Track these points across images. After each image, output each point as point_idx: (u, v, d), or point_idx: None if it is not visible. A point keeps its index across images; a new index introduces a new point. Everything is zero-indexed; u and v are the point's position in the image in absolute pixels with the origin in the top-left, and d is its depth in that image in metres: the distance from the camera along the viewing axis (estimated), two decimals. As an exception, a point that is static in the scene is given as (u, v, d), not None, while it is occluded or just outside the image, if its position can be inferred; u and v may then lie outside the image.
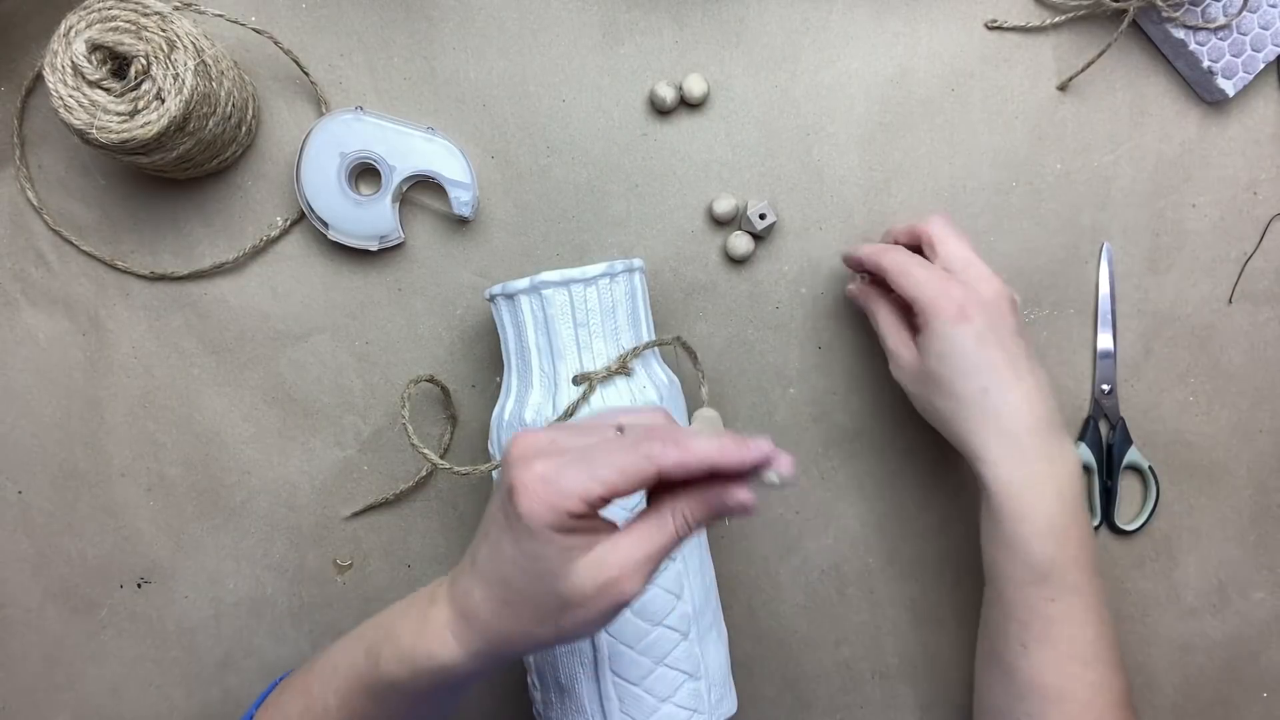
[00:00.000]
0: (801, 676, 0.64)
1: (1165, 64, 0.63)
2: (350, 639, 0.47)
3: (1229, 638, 0.64)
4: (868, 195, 0.62)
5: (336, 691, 0.45)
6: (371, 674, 0.44)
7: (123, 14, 0.51)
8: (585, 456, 0.38)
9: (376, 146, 0.58)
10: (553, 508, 0.37)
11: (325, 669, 0.47)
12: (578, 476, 0.37)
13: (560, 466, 0.37)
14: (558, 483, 0.37)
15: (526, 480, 0.37)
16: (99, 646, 0.62)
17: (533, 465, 0.38)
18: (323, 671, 0.47)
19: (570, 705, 0.52)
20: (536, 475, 0.37)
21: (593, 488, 0.37)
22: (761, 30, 0.61)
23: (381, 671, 0.43)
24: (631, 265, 0.54)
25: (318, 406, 0.62)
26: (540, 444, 0.39)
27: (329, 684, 0.46)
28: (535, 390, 0.53)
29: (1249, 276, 0.64)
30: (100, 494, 0.61)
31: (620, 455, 0.37)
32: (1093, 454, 0.63)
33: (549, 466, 0.37)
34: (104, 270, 0.61)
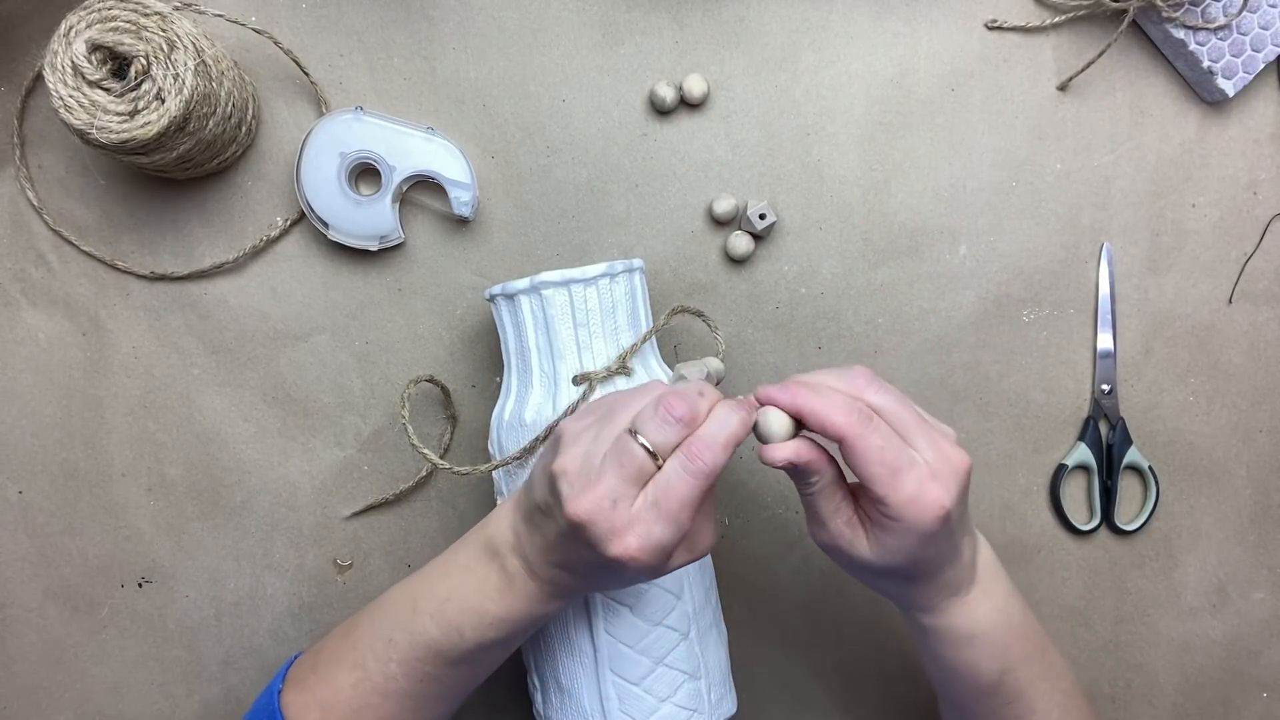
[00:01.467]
0: (801, 676, 0.64)
1: (1165, 64, 0.63)
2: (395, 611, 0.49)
3: (1229, 638, 0.65)
4: (868, 195, 0.62)
5: (401, 662, 0.48)
6: (453, 643, 0.47)
7: (123, 14, 0.51)
8: (658, 508, 0.42)
9: (376, 146, 0.58)
10: (659, 563, 0.42)
11: (375, 641, 0.48)
12: (667, 531, 0.42)
13: (648, 531, 0.41)
14: (657, 546, 0.42)
15: (631, 555, 0.41)
16: (100, 646, 0.62)
17: (626, 541, 0.41)
18: (372, 644, 0.48)
19: (570, 705, 0.52)
20: (637, 549, 0.41)
21: (680, 531, 0.42)
22: (761, 30, 0.61)
23: (469, 639, 0.47)
24: (631, 265, 0.54)
25: (318, 406, 0.62)
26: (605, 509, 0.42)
27: (386, 655, 0.48)
28: (535, 390, 0.53)
29: (1249, 276, 0.64)
30: (101, 494, 0.61)
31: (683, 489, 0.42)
32: (1093, 454, 0.63)
33: (641, 537, 0.41)
34: (104, 270, 0.61)
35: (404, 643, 0.48)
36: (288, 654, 0.62)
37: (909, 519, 0.42)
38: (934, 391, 0.63)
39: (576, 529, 0.42)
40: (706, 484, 0.42)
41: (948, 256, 0.63)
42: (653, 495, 0.42)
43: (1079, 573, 0.64)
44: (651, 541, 0.41)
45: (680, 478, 0.42)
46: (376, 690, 0.48)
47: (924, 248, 0.62)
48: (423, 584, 0.49)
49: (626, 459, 0.42)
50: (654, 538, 0.41)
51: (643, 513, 0.42)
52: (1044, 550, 0.64)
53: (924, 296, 0.63)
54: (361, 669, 0.48)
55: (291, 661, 0.52)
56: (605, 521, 0.41)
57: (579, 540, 0.42)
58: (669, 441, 0.42)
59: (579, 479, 0.42)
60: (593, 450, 0.43)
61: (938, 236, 0.62)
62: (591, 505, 0.41)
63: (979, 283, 0.63)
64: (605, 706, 0.51)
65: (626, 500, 0.42)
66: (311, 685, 0.49)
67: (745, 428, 0.43)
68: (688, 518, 0.42)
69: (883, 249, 0.62)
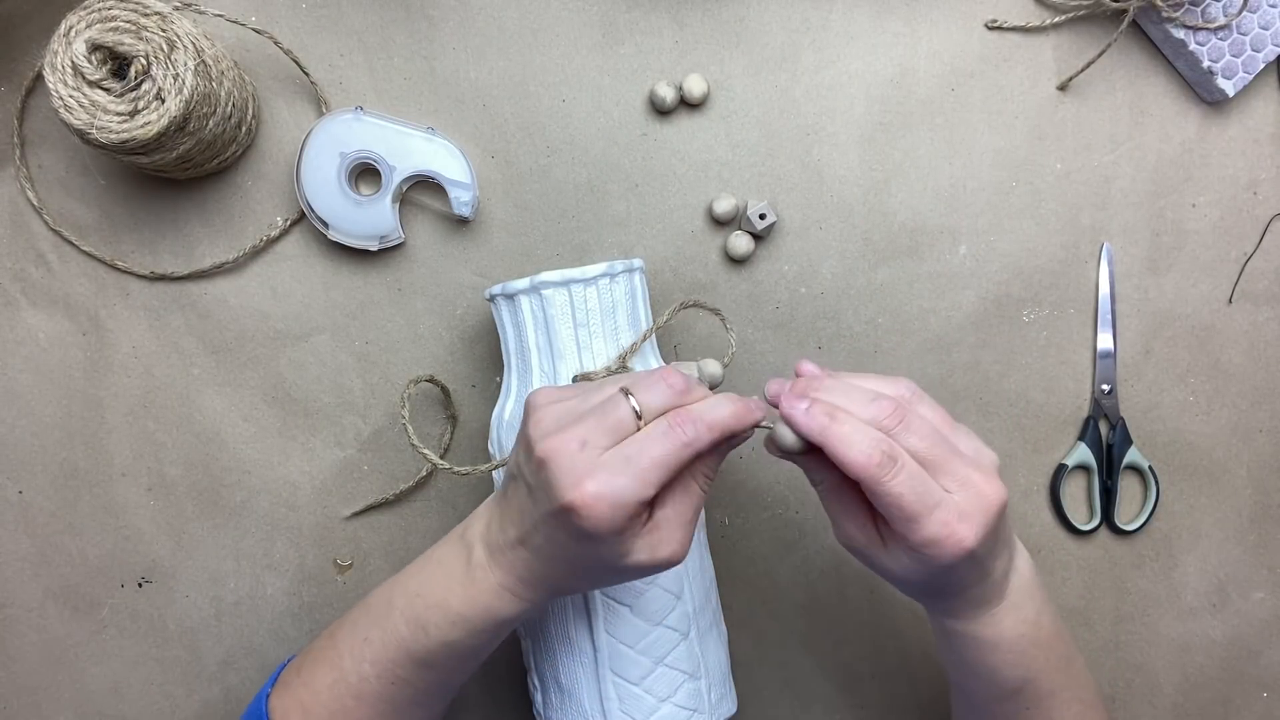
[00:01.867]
0: (801, 676, 0.64)
1: (1165, 64, 0.63)
2: (374, 609, 0.48)
3: (1229, 638, 0.65)
4: (868, 195, 0.62)
5: (374, 663, 0.46)
6: (420, 641, 0.46)
7: (123, 14, 0.51)
8: (628, 461, 0.40)
9: (376, 146, 0.58)
10: (614, 520, 0.40)
11: (351, 641, 0.48)
12: (630, 485, 0.39)
13: (610, 479, 0.39)
14: (615, 497, 0.39)
15: (585, 500, 0.39)
16: (100, 646, 0.62)
17: (584, 485, 0.39)
18: (350, 644, 0.48)
19: (570, 705, 0.52)
20: (592, 494, 0.39)
21: (644, 491, 0.40)
22: (761, 30, 0.61)
23: (433, 637, 0.45)
24: (631, 265, 0.54)
25: (318, 406, 0.62)
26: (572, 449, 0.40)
27: (361, 655, 0.47)
28: (535, 390, 0.53)
29: (1249, 276, 0.64)
30: (101, 494, 0.61)
31: (659, 449, 0.40)
32: (1093, 454, 0.63)
33: (601, 484, 0.39)
34: (104, 270, 0.61)
35: (378, 641, 0.47)
36: (288, 654, 0.62)
37: (928, 555, 0.41)
38: (934, 391, 0.63)
39: (540, 470, 0.40)
40: (683, 454, 0.40)
41: (948, 256, 0.63)
42: (625, 449, 0.40)
43: (1079, 573, 0.64)
44: (609, 489, 0.39)
45: (658, 438, 0.40)
46: (351, 692, 0.47)
47: (924, 248, 0.62)
48: (403, 579, 0.48)
49: (609, 409, 0.41)
50: (613, 486, 0.39)
51: (610, 460, 0.40)
52: (1044, 550, 0.64)
53: (924, 296, 0.63)
54: (339, 669, 0.47)
55: (286, 663, 0.52)
56: (568, 460, 0.40)
57: (540, 489, 0.41)
58: (658, 405, 0.41)
59: (553, 424, 0.41)
60: (575, 406, 0.42)
61: (938, 236, 0.62)
62: (559, 444, 0.40)
63: (979, 283, 0.63)
64: (605, 706, 0.51)
65: (596, 448, 0.40)
66: (295, 687, 0.49)
67: (737, 421, 0.42)
68: (654, 481, 0.40)
69: (883, 249, 0.62)
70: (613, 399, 0.42)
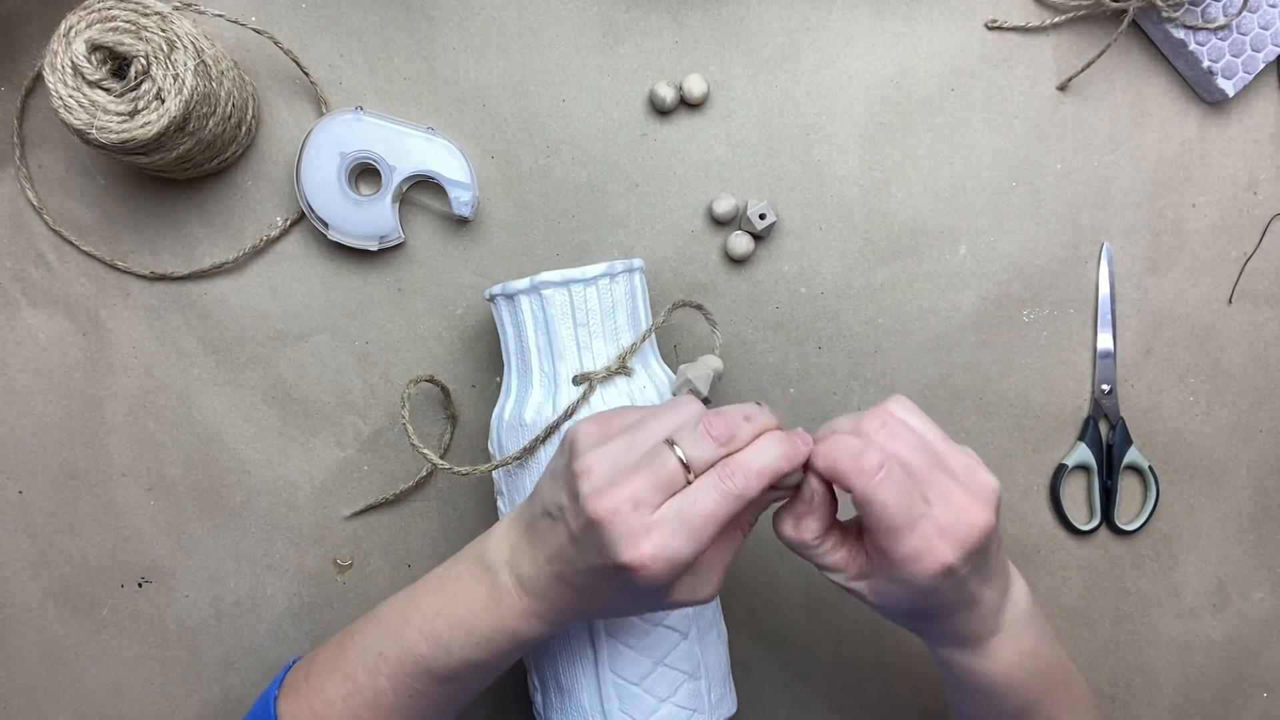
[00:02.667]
0: (801, 676, 0.64)
1: (1165, 64, 0.63)
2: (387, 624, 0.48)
3: (1229, 637, 0.65)
4: (868, 195, 0.62)
5: (391, 677, 0.47)
6: (441, 660, 0.46)
7: (123, 14, 0.51)
8: (682, 518, 0.40)
9: (376, 146, 0.58)
10: (669, 577, 0.40)
11: (366, 653, 0.48)
12: (686, 544, 0.40)
13: (666, 540, 0.40)
14: (672, 557, 0.40)
15: (643, 561, 0.40)
16: (100, 646, 0.62)
17: (641, 547, 0.40)
18: (363, 657, 0.48)
19: (570, 705, 0.52)
20: (650, 556, 0.40)
21: (699, 547, 0.40)
22: (761, 30, 0.61)
23: (455, 656, 0.46)
24: (631, 265, 0.54)
25: (318, 406, 0.62)
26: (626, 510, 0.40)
27: (376, 670, 0.47)
28: (535, 390, 0.53)
29: (1249, 276, 0.64)
30: (101, 494, 0.61)
31: (711, 504, 0.40)
32: (1093, 454, 0.63)
33: (658, 546, 0.40)
34: (104, 270, 0.61)
35: (394, 656, 0.47)
36: (288, 654, 0.62)
37: (907, 573, 0.41)
38: (934, 391, 0.63)
39: (591, 528, 0.40)
40: (735, 506, 0.40)
41: (948, 256, 0.63)
42: (678, 505, 0.40)
43: (1079, 573, 0.64)
44: (667, 551, 0.39)
45: (710, 493, 0.40)
46: (366, 704, 0.47)
47: (924, 248, 0.62)
48: (417, 597, 0.48)
49: (658, 466, 0.41)
50: (670, 548, 0.40)
51: (665, 519, 0.40)
52: (1044, 550, 0.64)
53: (924, 296, 0.63)
54: (352, 681, 0.47)
55: (290, 666, 0.52)
56: (624, 523, 0.40)
57: (590, 543, 0.41)
58: (705, 458, 0.41)
59: (602, 479, 0.41)
60: (620, 455, 0.42)
61: (938, 236, 0.62)
62: (613, 504, 0.40)
63: (979, 283, 0.63)
64: (605, 706, 0.51)
65: (649, 506, 0.40)
66: (304, 694, 0.49)
67: (789, 462, 0.42)
68: (708, 536, 0.40)
69: (883, 249, 0.62)
70: (660, 452, 0.41)
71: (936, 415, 0.63)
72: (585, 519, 0.41)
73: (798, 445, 0.42)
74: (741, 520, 0.44)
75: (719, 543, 0.44)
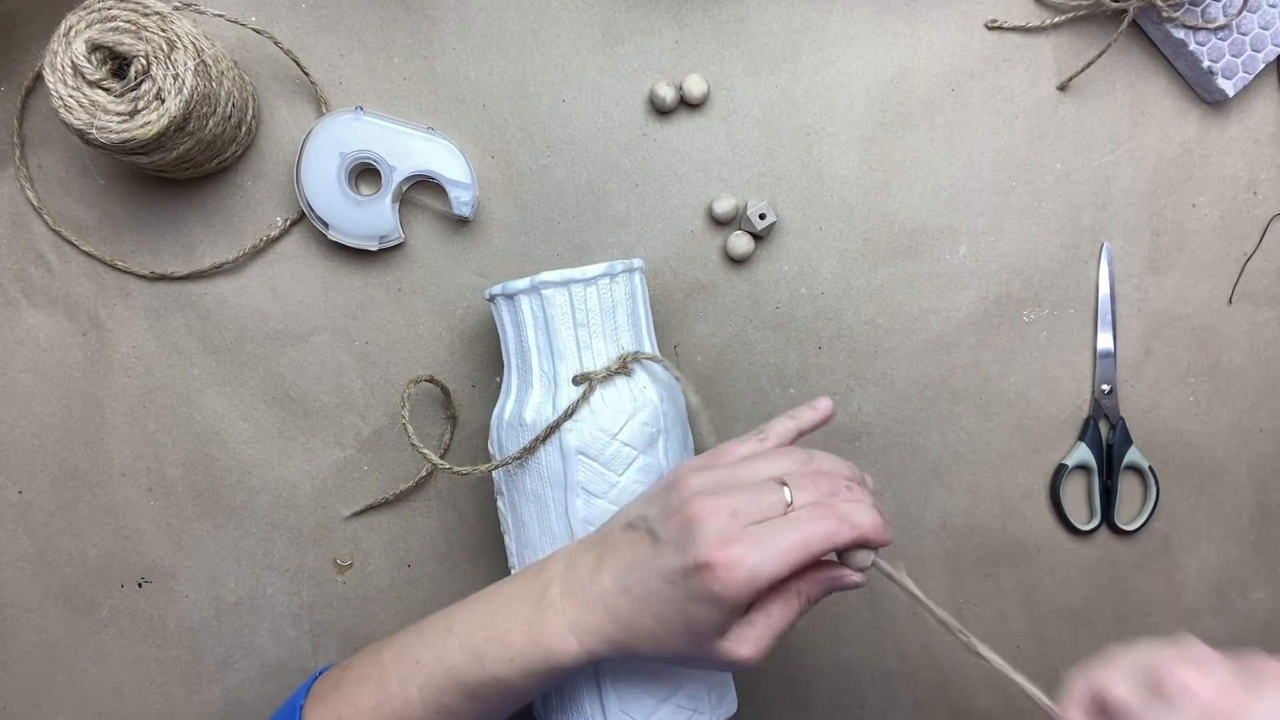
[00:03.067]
0: (801, 676, 0.64)
1: (1165, 64, 0.63)
2: (429, 634, 0.48)
3: (1229, 638, 0.64)
4: (868, 195, 0.62)
5: (421, 687, 0.46)
6: (472, 672, 0.46)
7: (123, 14, 0.51)
8: (775, 537, 0.41)
9: (376, 146, 0.58)
10: (742, 589, 0.40)
11: (403, 663, 0.47)
12: (769, 561, 0.40)
13: (753, 550, 0.40)
14: (754, 568, 0.40)
15: (727, 561, 0.40)
16: (99, 646, 0.62)
17: (730, 548, 0.40)
18: (400, 665, 0.47)
19: (570, 705, 0.52)
20: (735, 558, 0.40)
21: (780, 570, 0.41)
22: (761, 30, 0.61)
23: (487, 670, 0.45)
24: (631, 265, 0.54)
25: (318, 406, 0.62)
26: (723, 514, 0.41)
27: (409, 679, 0.47)
28: (535, 390, 0.53)
29: (1249, 276, 0.64)
30: (100, 494, 0.61)
31: (802, 533, 0.41)
32: (1093, 454, 0.63)
33: (744, 552, 0.40)
34: (104, 270, 0.61)
35: (429, 665, 0.46)
36: (288, 654, 0.62)
37: None
38: (934, 391, 0.63)
39: (686, 524, 0.41)
40: (821, 546, 0.41)
41: (948, 256, 0.63)
42: (773, 525, 0.41)
43: (1079, 573, 0.64)
44: (750, 560, 0.40)
45: (804, 524, 0.42)
46: (394, 715, 0.47)
47: (924, 248, 0.62)
48: (464, 610, 0.48)
49: (763, 493, 0.43)
50: (754, 558, 0.40)
51: (756, 532, 0.41)
52: (1044, 550, 0.64)
53: (924, 296, 0.63)
54: (384, 690, 0.47)
55: (319, 674, 0.52)
56: (719, 524, 0.41)
57: (676, 542, 0.42)
58: (808, 503, 0.43)
59: (707, 488, 0.43)
60: (726, 477, 0.44)
61: (938, 236, 0.62)
62: (714, 507, 0.42)
63: (979, 283, 0.63)
64: (605, 706, 0.51)
65: (745, 519, 0.41)
66: (334, 703, 0.48)
67: (877, 533, 0.43)
68: (790, 565, 0.41)
69: (883, 249, 0.62)
70: (767, 485, 0.43)
71: (936, 415, 0.63)
72: (680, 516, 0.42)
73: (886, 529, 0.44)
74: (802, 590, 0.44)
75: (779, 603, 0.44)
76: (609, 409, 0.51)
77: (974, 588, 0.64)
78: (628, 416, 0.51)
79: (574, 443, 0.51)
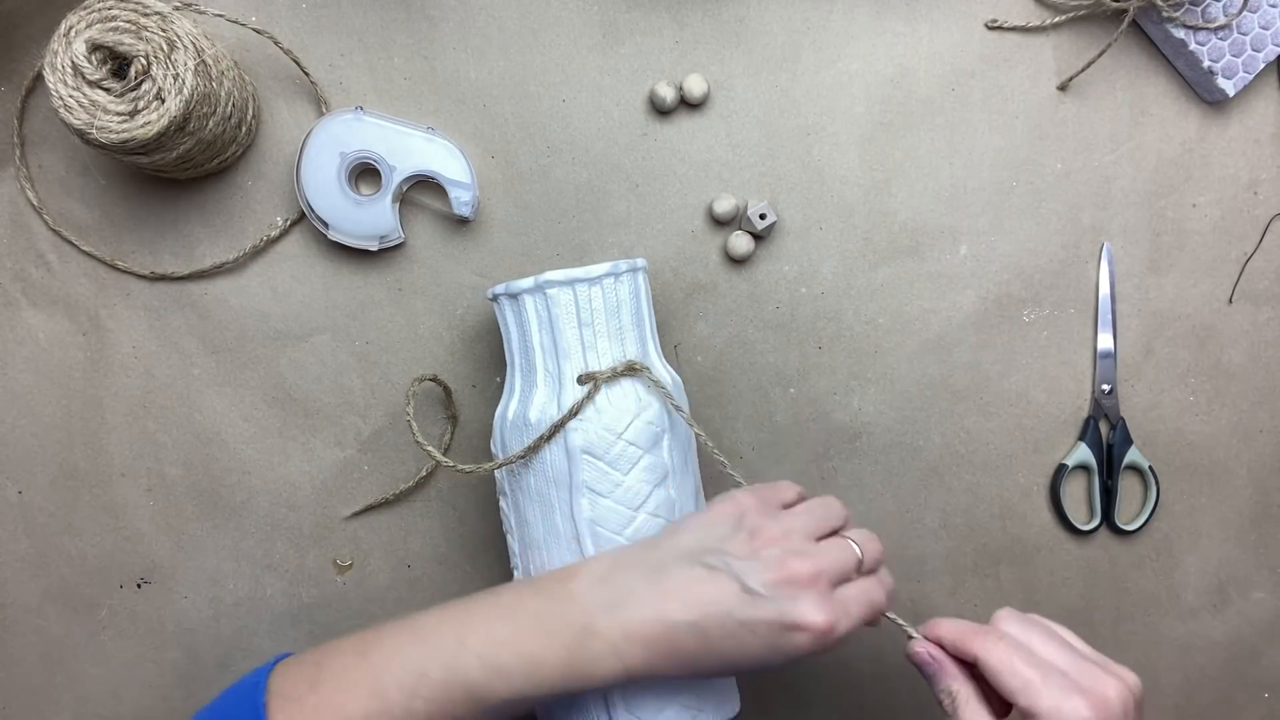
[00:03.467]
0: (801, 676, 0.64)
1: (1165, 64, 0.63)
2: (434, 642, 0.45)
3: (1229, 638, 0.65)
4: (868, 195, 0.62)
5: (429, 700, 0.44)
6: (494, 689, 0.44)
7: (123, 14, 0.51)
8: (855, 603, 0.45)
9: (376, 146, 0.58)
10: (832, 648, 0.44)
11: (403, 672, 0.45)
12: (846, 624, 0.44)
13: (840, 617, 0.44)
14: (836, 633, 0.44)
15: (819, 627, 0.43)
16: (99, 647, 0.62)
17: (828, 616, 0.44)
18: (399, 674, 0.45)
19: (572, 705, 0.52)
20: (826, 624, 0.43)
21: (851, 630, 0.45)
22: (761, 30, 0.61)
23: (514, 688, 0.45)
24: (635, 265, 0.54)
25: (318, 406, 0.62)
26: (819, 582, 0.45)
27: (414, 691, 0.44)
28: (540, 390, 0.53)
29: (1249, 276, 0.64)
30: (100, 494, 0.61)
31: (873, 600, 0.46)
32: (1093, 454, 0.63)
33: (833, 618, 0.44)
34: (104, 270, 0.61)
35: (440, 679, 0.44)
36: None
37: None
38: (934, 391, 0.63)
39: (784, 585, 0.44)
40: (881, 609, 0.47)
41: (948, 256, 0.63)
42: (856, 594, 0.45)
43: (1079, 573, 0.64)
44: (843, 624, 0.44)
45: (875, 589, 0.46)
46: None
47: (924, 248, 0.63)
48: (475, 620, 0.46)
49: (845, 554, 0.46)
50: (843, 627, 0.44)
51: (841, 598, 0.45)
52: (1044, 550, 0.64)
53: (924, 296, 0.63)
54: (381, 700, 0.44)
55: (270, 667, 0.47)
56: (819, 590, 0.44)
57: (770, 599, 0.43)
58: (872, 560, 0.48)
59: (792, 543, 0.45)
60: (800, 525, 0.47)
61: (938, 236, 0.62)
62: (814, 570, 0.44)
63: (979, 283, 0.63)
64: (608, 706, 0.51)
65: (831, 579, 0.45)
66: (312, 707, 0.44)
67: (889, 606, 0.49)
68: (860, 622, 0.45)
69: (883, 249, 0.62)
70: (845, 544, 0.47)
71: (936, 415, 0.63)
72: (781, 576, 0.44)
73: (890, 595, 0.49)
74: None
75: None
76: (614, 408, 0.51)
77: (974, 588, 0.64)
78: (633, 415, 0.51)
79: (579, 442, 0.50)
